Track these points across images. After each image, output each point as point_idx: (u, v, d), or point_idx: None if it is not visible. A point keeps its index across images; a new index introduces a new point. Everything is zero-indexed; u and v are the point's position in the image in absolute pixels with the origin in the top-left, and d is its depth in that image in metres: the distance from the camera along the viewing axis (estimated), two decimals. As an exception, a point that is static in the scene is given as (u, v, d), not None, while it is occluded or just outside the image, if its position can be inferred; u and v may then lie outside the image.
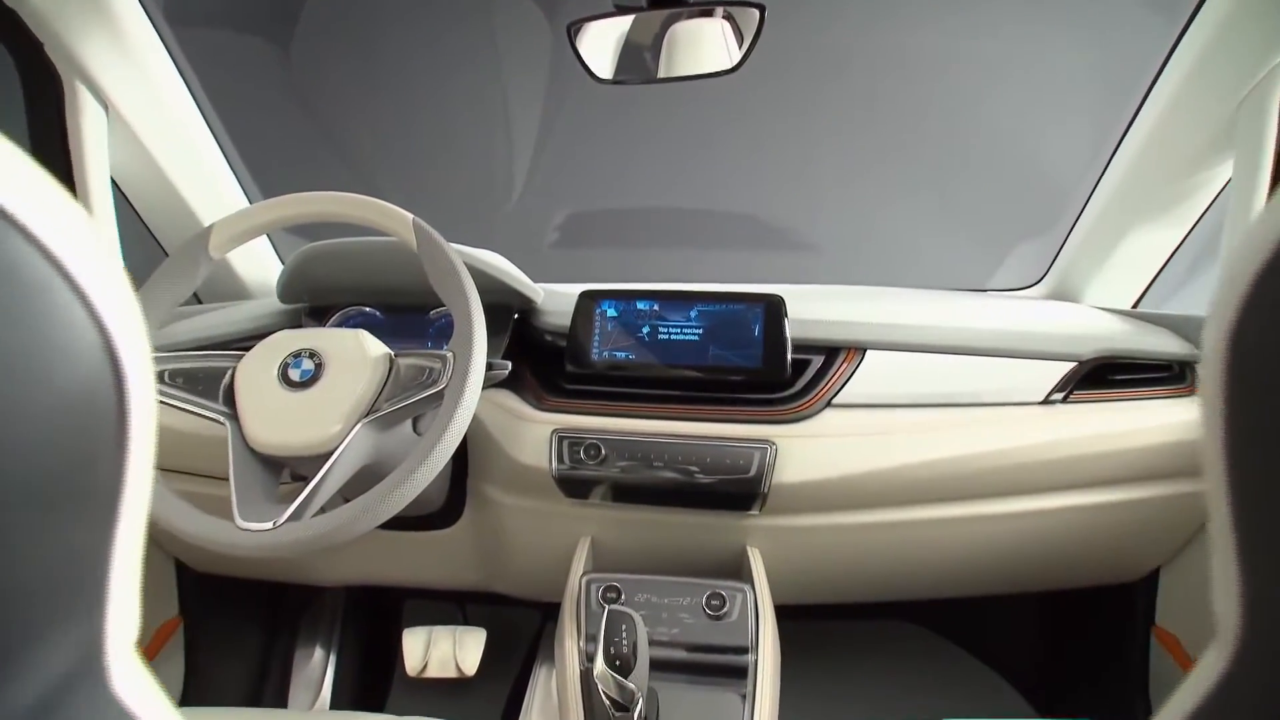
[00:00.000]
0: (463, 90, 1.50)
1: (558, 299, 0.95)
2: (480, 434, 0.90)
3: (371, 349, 0.74)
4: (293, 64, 1.47)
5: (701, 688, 0.76)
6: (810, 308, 0.90)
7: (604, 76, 0.82)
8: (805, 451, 0.85)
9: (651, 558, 0.94)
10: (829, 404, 0.87)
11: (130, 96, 0.95)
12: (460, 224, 0.92)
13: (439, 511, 0.95)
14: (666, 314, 0.90)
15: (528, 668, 1.19)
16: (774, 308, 0.88)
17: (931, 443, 0.85)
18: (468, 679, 1.16)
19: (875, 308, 0.93)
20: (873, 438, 0.85)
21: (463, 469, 0.93)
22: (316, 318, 0.97)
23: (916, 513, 0.88)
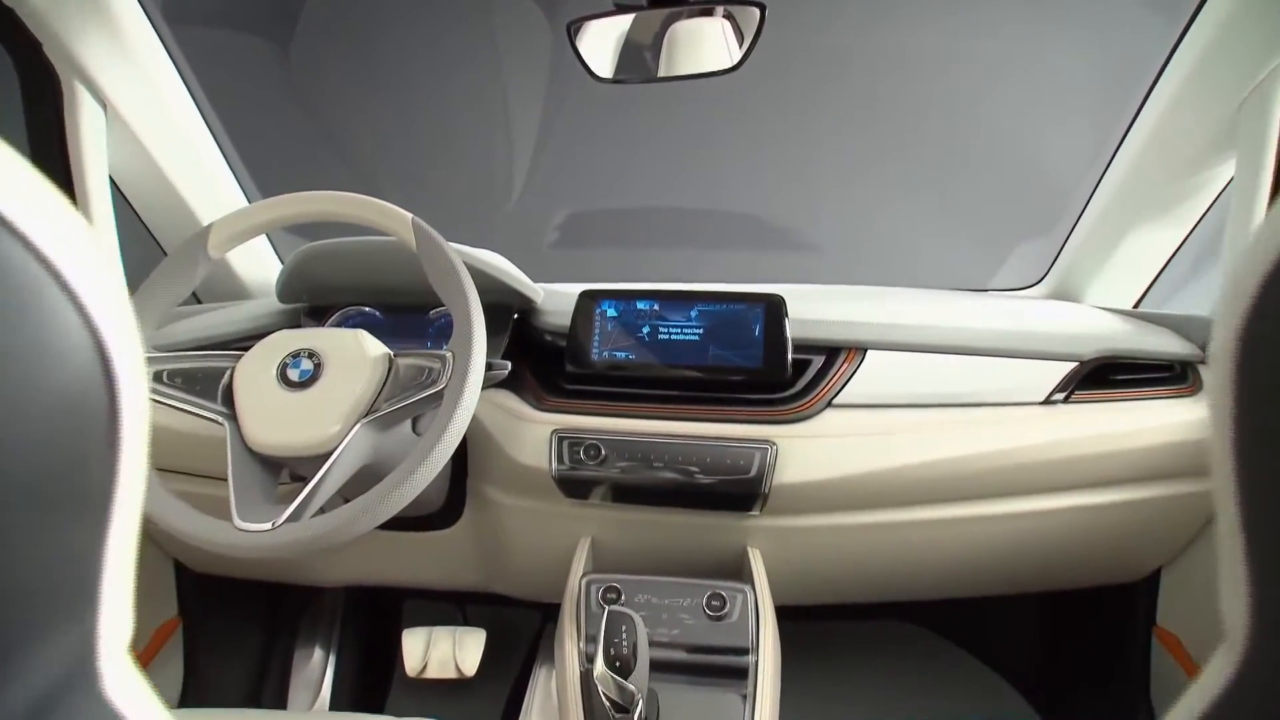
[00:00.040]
0: (463, 90, 1.49)
1: (558, 299, 0.94)
2: (480, 434, 0.89)
3: (371, 349, 0.73)
4: (292, 63, 1.47)
5: (702, 689, 0.76)
6: (811, 308, 0.90)
7: (604, 76, 0.82)
8: (806, 452, 0.84)
9: (652, 558, 0.93)
10: (830, 404, 0.87)
11: (129, 96, 0.95)
12: (460, 224, 0.92)
13: (439, 512, 0.95)
14: (667, 314, 0.90)
15: (527, 669, 1.19)
16: (774, 308, 0.87)
17: (932, 443, 0.84)
18: (467, 680, 1.16)
19: (876, 308, 0.93)
20: (873, 438, 0.85)
21: (462, 469, 0.93)
22: (316, 318, 0.96)
23: (917, 513, 0.88)
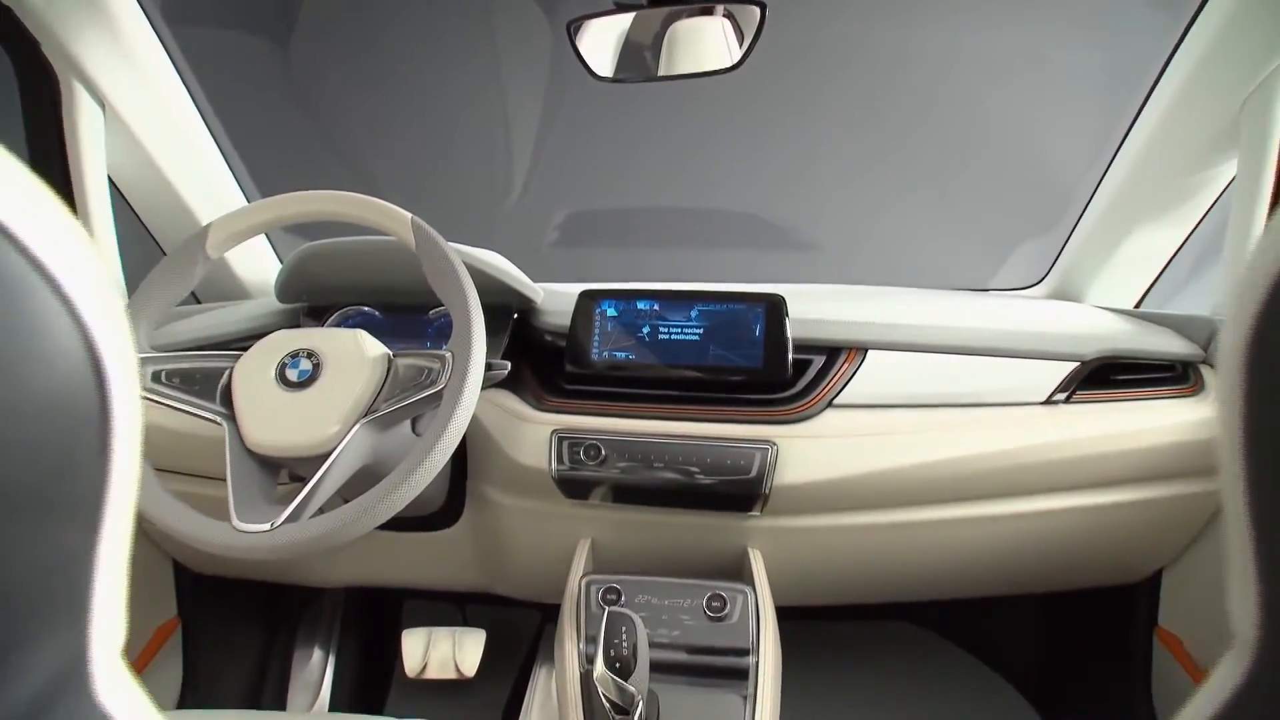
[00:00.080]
0: (462, 90, 1.49)
1: (558, 299, 0.94)
2: (479, 434, 0.89)
3: (370, 349, 0.73)
4: (292, 63, 1.47)
5: (702, 690, 0.76)
6: (811, 307, 0.90)
7: (604, 75, 0.82)
8: (806, 452, 0.84)
9: (652, 559, 0.93)
10: (830, 404, 0.86)
11: (127, 95, 0.94)
12: (460, 224, 0.92)
13: (438, 512, 0.95)
14: (667, 314, 0.90)
15: (527, 669, 1.19)
16: (775, 307, 0.87)
17: (933, 443, 0.84)
18: (467, 680, 1.16)
19: (877, 307, 0.93)
20: (874, 438, 0.84)
21: (462, 469, 0.93)
22: (315, 317, 0.96)
23: (918, 514, 0.87)
